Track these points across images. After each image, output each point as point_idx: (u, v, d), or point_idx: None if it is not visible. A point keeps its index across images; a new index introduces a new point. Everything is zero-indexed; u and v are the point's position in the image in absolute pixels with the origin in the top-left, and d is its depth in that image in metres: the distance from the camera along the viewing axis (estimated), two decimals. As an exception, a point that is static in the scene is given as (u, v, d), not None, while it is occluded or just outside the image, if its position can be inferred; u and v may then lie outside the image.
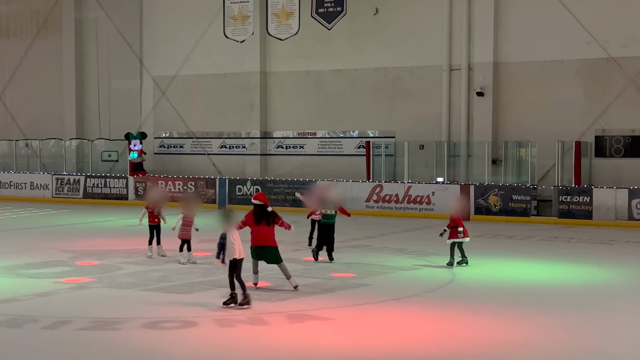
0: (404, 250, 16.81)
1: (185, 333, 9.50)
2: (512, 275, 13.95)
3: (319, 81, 28.30)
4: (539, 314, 10.68)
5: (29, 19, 34.00)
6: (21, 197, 30.02)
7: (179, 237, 14.36)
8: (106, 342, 9.11)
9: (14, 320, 10.00)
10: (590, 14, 24.17)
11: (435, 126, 26.22)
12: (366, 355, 8.62)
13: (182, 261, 14.32)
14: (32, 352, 8.72)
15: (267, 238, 11.84)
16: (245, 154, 29.27)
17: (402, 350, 8.83)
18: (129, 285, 12.57)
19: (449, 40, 25.99)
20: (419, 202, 24.12)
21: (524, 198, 22.82)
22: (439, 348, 8.94)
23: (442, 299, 11.78)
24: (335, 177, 26.35)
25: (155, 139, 31.16)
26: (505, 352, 8.84)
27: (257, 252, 11.90)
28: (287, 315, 10.47)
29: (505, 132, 25.28)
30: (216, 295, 11.72)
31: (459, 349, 8.92)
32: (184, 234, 14.33)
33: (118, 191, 28.54)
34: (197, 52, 30.05)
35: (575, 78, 24.55)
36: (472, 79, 25.61)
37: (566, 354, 8.81)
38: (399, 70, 26.88)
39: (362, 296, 11.81)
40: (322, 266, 14.52)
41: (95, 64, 32.60)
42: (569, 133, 24.15)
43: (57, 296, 11.67)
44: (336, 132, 28.03)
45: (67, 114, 33.00)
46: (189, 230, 14.34)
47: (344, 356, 8.55)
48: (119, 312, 10.58)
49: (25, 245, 17.14)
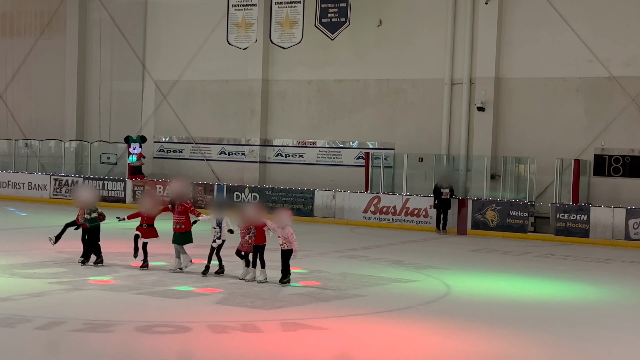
0: (400, 262, 16.80)
1: (178, 338, 9.49)
2: (507, 290, 13.94)
3: (321, 90, 28.33)
4: (533, 330, 10.67)
5: (34, 19, 34.06)
6: (19, 196, 29.99)
7: (238, 248, 13.54)
8: (99, 344, 9.09)
9: (7, 320, 9.98)
10: (592, 32, 24.23)
11: (435, 139, 26.23)
12: (359, 366, 8.60)
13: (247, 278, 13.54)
14: (25, 352, 8.69)
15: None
16: (244, 161, 29.27)
17: (394, 362, 8.82)
18: (123, 288, 12.55)
19: (452, 54, 26.03)
20: (417, 215, 24.12)
21: (522, 214, 22.82)
22: (432, 361, 8.93)
23: (436, 312, 11.77)
24: (333, 187, 26.35)
25: (154, 143, 31.15)
26: (498, 367, 8.83)
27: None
28: (281, 323, 10.46)
29: (504, 148, 25.29)
30: (211, 301, 11.72)
31: (452, 362, 8.91)
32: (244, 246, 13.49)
33: (116, 194, 28.52)
34: (200, 57, 30.09)
35: (577, 96, 24.59)
36: (474, 94, 25.63)
37: (559, 371, 8.80)
38: (400, 82, 26.91)
39: (357, 307, 11.80)
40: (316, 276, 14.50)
41: (97, 66, 32.63)
42: (568, 150, 24.17)
43: (51, 297, 11.65)
44: (336, 142, 28.04)
45: (67, 115, 33.00)
46: (246, 241, 13.32)
47: (336, 366, 8.54)
48: (112, 315, 10.56)
49: (21, 245, 17.13)
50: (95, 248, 14.50)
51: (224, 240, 13.76)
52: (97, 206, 14.61)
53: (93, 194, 15.30)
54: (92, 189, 21.51)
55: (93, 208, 14.44)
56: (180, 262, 14.08)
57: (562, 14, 24.49)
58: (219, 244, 13.70)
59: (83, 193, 15.50)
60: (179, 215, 13.93)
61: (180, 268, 14.02)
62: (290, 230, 13.07)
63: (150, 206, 14.42)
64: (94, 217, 14.37)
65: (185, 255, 14.07)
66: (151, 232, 14.22)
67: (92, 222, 14.40)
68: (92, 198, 14.83)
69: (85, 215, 14.35)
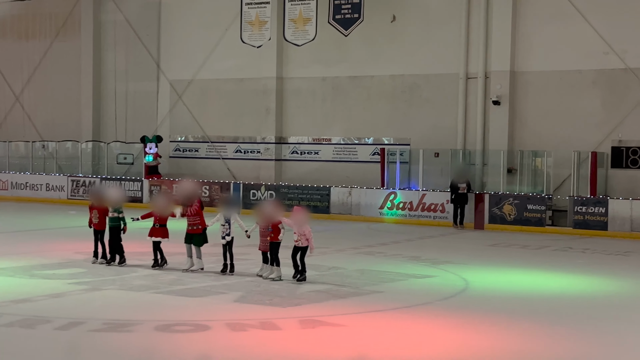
0: (418, 257, 16.77)
1: (197, 336, 9.52)
2: (525, 285, 13.89)
3: (335, 87, 28.30)
4: (552, 324, 10.63)
5: (48, 21, 34.23)
6: (37, 198, 30.18)
7: (259, 248, 13.63)
8: (118, 344, 9.13)
9: (27, 321, 10.04)
10: (608, 24, 24.06)
11: (450, 134, 26.15)
12: (378, 363, 8.60)
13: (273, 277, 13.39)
14: (45, 353, 8.75)
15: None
16: (260, 159, 29.31)
17: (413, 358, 8.80)
18: (142, 287, 12.61)
19: (466, 49, 25.93)
20: (433, 210, 24.06)
21: (539, 208, 22.72)
22: (450, 357, 8.91)
23: (454, 307, 11.74)
24: (349, 184, 26.32)
25: (170, 143, 31.25)
26: (517, 362, 8.81)
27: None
28: (299, 320, 10.47)
29: (521, 141, 25.18)
30: (230, 299, 11.74)
31: (471, 357, 8.88)
32: (263, 245, 13.45)
33: (133, 194, 28.62)
34: (214, 56, 30.14)
35: (593, 88, 24.44)
36: (489, 88, 25.53)
37: (579, 365, 8.77)
38: (415, 77, 26.85)
39: (375, 303, 11.79)
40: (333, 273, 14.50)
41: (112, 67, 32.76)
42: (585, 143, 24.03)
43: (70, 297, 11.72)
44: (351, 138, 28.02)
45: (83, 116, 33.16)
46: (266, 240, 13.36)
47: (355, 363, 8.54)
48: (131, 315, 10.61)
49: (40, 247, 17.23)
50: (117, 248, 14.59)
51: (233, 237, 13.78)
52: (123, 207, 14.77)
53: (122, 194, 15.55)
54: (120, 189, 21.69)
55: (119, 208, 14.57)
56: (192, 262, 14.06)
57: (577, 5, 24.33)
58: (227, 240, 13.75)
59: (112, 192, 15.76)
60: (193, 217, 13.96)
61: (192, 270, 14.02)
62: (308, 227, 13.07)
63: (163, 206, 14.48)
64: (119, 216, 14.47)
65: (200, 260, 14.09)
66: (163, 232, 14.28)
67: (113, 222, 14.50)
68: (121, 197, 15.06)
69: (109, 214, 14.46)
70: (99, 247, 14.79)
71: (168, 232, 14.30)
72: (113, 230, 14.54)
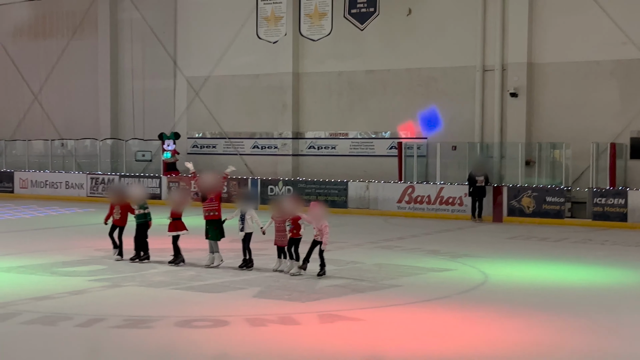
0: (436, 251, 16.76)
1: (216, 332, 9.57)
2: (545, 277, 13.84)
3: (352, 82, 28.29)
4: (572, 317, 10.59)
5: (65, 20, 34.43)
6: (56, 196, 30.40)
7: (275, 243, 13.64)
8: (139, 340, 9.20)
9: (48, 318, 10.14)
10: (626, 14, 23.88)
11: (468, 127, 26.08)
12: (396, 357, 8.61)
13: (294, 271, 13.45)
14: (66, 350, 8.83)
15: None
16: (277, 155, 29.36)
17: (432, 352, 8.81)
18: (161, 284, 12.68)
19: (483, 41, 25.83)
20: (451, 204, 24.02)
21: (558, 200, 22.62)
22: (470, 350, 8.90)
23: (473, 301, 11.73)
24: (366, 178, 26.32)
25: (188, 139, 31.37)
26: (536, 354, 8.78)
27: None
28: (318, 315, 10.49)
29: (539, 134, 25.07)
30: (249, 295, 11.79)
31: (490, 350, 8.88)
32: (280, 240, 13.51)
33: (151, 191, 28.73)
34: (230, 52, 30.21)
35: (611, 79, 24.28)
36: (506, 80, 25.43)
37: (598, 357, 8.73)
38: (431, 70, 26.78)
39: (393, 297, 11.80)
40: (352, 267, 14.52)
41: (129, 65, 32.92)
42: (604, 134, 23.89)
43: (91, 294, 11.81)
44: (368, 132, 28.00)
45: (102, 114, 33.35)
46: (284, 235, 13.43)
47: (373, 357, 8.55)
48: (151, 311, 10.68)
49: (60, 244, 17.37)
50: (142, 244, 14.69)
51: (251, 232, 13.85)
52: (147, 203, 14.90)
53: (144, 191, 15.82)
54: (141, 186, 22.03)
55: (144, 205, 14.70)
56: (214, 258, 14.18)
57: (593, -4, 24.20)
58: (242, 236, 13.81)
59: (135, 189, 15.98)
60: (210, 202, 13.98)
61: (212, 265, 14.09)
62: (325, 222, 13.10)
63: (179, 202, 14.59)
64: (145, 213, 14.61)
65: (218, 254, 14.16)
66: (178, 226, 14.33)
67: (139, 219, 14.65)
68: (144, 194, 15.23)
69: (136, 212, 14.62)
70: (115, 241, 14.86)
71: (184, 224, 14.36)
72: (140, 227, 14.67)
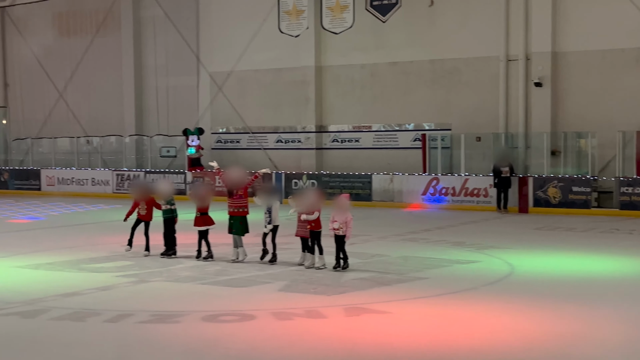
0: (462, 243, 16.70)
1: (243, 326, 9.61)
2: (572, 268, 13.75)
3: (374, 74, 28.23)
4: (599, 307, 10.52)
5: (89, 18, 34.67)
6: (83, 192, 30.66)
7: (297, 234, 13.57)
8: (166, 335, 9.27)
9: (77, 314, 10.24)
10: (651, 0, 23.63)
11: (492, 118, 25.94)
12: (423, 349, 8.60)
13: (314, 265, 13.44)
14: (95, 345, 8.92)
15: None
16: (301, 148, 29.39)
17: (460, 344, 8.79)
18: (188, 279, 12.76)
19: (506, 31, 25.65)
20: (476, 195, 23.92)
21: (584, 190, 22.44)
22: (497, 342, 8.87)
23: (500, 292, 11.68)
24: (390, 170, 26.27)
25: (212, 134, 31.49)
26: (565, 344, 8.74)
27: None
28: (344, 308, 10.51)
29: (564, 123, 24.88)
30: (274, 289, 11.83)
31: (518, 341, 8.84)
32: (302, 231, 13.38)
33: (176, 186, 28.88)
34: (253, 47, 30.25)
35: (636, 67, 24.02)
36: (530, 70, 25.25)
37: (627, 348, 8.67)
38: (455, 61, 26.66)
39: (419, 290, 11.78)
40: (377, 260, 14.52)
41: (153, 61, 33.09)
42: (630, 123, 23.65)
43: (118, 290, 11.91)
44: (392, 125, 27.94)
45: (126, 111, 33.58)
46: (305, 227, 13.27)
47: (400, 350, 8.55)
48: (178, 306, 10.75)
49: (87, 240, 17.52)
50: (171, 240, 14.78)
51: (277, 225, 13.86)
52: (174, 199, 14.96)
53: (171, 186, 15.88)
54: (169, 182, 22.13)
55: (171, 200, 14.77)
56: (238, 252, 14.22)
57: (618, -17, 23.94)
58: (270, 228, 13.82)
59: (162, 185, 16.01)
60: (239, 199, 14.02)
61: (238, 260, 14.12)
62: (349, 215, 13.09)
63: (201, 198, 14.63)
64: (172, 208, 14.67)
65: (242, 248, 14.19)
66: (206, 221, 14.38)
67: (167, 214, 14.73)
68: (171, 189, 15.23)
69: (163, 207, 14.68)
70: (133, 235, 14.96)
71: (212, 219, 14.41)
72: (167, 222, 14.75)
